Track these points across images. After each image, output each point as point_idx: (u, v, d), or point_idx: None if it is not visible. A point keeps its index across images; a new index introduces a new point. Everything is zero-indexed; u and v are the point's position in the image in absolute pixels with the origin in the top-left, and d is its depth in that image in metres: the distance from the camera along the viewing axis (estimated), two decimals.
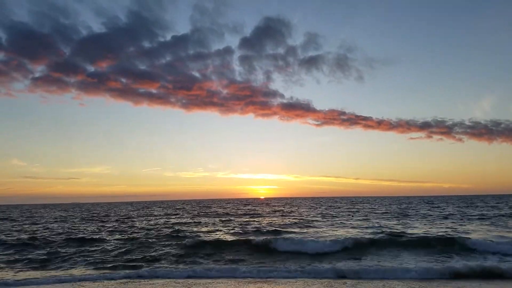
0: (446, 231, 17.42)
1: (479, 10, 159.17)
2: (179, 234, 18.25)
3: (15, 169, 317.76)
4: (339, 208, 46.55)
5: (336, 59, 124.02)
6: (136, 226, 24.21)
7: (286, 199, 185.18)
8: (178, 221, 28.40)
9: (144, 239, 16.77)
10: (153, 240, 16.73)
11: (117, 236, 18.46)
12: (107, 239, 17.57)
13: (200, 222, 26.86)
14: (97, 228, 23.62)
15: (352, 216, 30.33)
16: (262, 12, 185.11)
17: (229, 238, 16.63)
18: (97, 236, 18.50)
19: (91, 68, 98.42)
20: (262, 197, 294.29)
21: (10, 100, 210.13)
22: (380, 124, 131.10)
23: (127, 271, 10.83)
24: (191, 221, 27.97)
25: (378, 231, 17.94)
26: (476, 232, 17.47)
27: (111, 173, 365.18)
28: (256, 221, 26.29)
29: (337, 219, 27.19)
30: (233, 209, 49.88)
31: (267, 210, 44.97)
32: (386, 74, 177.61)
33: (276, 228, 20.24)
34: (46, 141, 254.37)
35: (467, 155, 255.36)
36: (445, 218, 26.69)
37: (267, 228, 20.50)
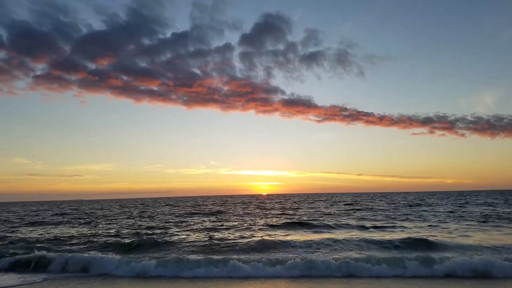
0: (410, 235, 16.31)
1: (482, 7, 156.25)
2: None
3: (18, 166, 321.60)
4: (329, 208, 45.42)
5: (337, 55, 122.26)
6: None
7: (288, 195, 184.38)
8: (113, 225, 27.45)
9: None
10: None
11: None
12: None
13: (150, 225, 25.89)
14: None
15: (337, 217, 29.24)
16: (261, 9, 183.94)
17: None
18: None
19: (91, 66, 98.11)
20: (264, 194, 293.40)
21: (12, 98, 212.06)
22: (382, 120, 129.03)
23: None
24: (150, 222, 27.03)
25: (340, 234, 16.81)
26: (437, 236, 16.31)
27: (114, 170, 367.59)
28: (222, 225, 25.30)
29: (318, 221, 26.08)
30: (210, 206, 48.93)
31: (246, 209, 44.00)
32: (387, 69, 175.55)
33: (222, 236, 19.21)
34: (48, 139, 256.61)
35: (469, 151, 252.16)
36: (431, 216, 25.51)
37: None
